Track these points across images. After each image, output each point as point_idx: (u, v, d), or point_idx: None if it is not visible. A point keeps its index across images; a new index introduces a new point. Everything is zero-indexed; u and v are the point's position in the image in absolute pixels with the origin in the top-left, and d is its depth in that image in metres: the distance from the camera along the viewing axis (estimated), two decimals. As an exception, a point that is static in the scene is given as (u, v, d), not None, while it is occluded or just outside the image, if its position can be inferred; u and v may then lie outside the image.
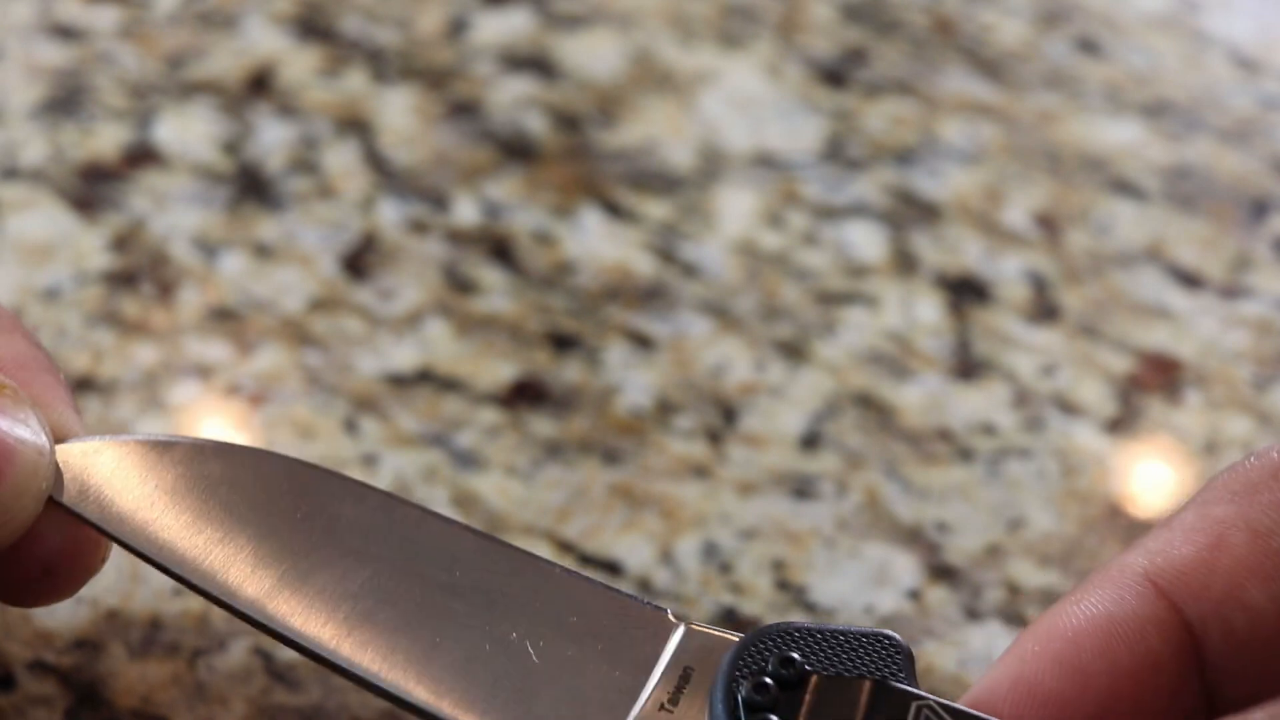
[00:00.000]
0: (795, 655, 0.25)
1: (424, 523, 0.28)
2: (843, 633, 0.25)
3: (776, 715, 0.24)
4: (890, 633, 0.25)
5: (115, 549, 0.29)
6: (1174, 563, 0.25)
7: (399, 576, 0.27)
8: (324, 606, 0.27)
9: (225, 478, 0.28)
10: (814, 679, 0.25)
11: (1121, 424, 0.40)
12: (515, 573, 0.27)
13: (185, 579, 0.27)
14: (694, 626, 0.27)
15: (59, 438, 0.28)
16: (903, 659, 0.25)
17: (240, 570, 0.27)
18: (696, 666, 0.26)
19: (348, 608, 0.27)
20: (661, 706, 0.26)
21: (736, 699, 0.24)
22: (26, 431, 0.27)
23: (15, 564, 0.28)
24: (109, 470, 0.28)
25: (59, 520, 0.28)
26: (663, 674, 0.26)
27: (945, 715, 0.24)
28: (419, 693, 0.26)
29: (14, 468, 0.27)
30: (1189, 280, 0.44)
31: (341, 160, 0.45)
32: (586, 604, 0.27)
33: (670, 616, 0.27)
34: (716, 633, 0.27)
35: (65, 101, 0.46)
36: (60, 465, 0.28)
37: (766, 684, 0.24)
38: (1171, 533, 0.25)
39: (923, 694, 0.24)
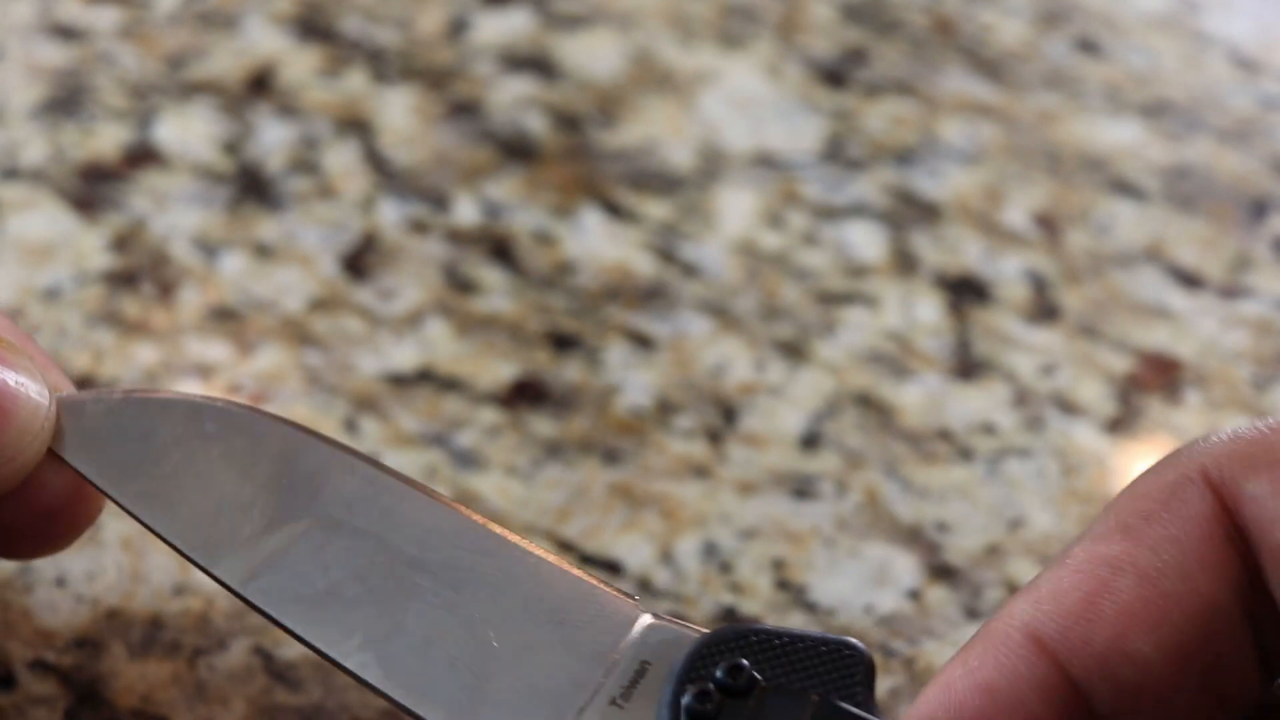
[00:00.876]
0: (744, 662, 0.25)
1: (407, 496, 0.28)
2: (803, 639, 0.25)
3: None
4: (853, 642, 0.25)
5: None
6: (1058, 614, 0.24)
7: (372, 550, 0.27)
8: (297, 580, 0.27)
9: (219, 437, 0.28)
10: (760, 689, 0.24)
11: (1121, 424, 0.40)
12: (487, 552, 0.27)
13: (166, 539, 0.27)
14: (658, 619, 0.26)
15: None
16: (862, 671, 0.25)
17: (220, 534, 0.27)
18: (654, 661, 0.26)
19: (319, 581, 0.27)
20: (613, 701, 0.25)
21: (679, 705, 0.24)
22: (26, 377, 0.28)
23: (19, 511, 0.28)
24: (104, 423, 0.28)
25: (59, 466, 0.28)
26: (619, 668, 0.26)
27: None
28: (374, 673, 0.26)
29: (18, 407, 0.27)
30: (1189, 280, 0.44)
31: (342, 160, 0.45)
32: (554, 588, 0.27)
33: (636, 607, 0.27)
34: (680, 627, 0.26)
35: (65, 101, 0.46)
36: (59, 417, 0.28)
37: (710, 691, 0.24)
38: (1060, 575, 0.24)
39: (866, 718, 0.24)
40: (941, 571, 0.36)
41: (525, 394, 0.39)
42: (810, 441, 0.38)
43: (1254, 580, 0.24)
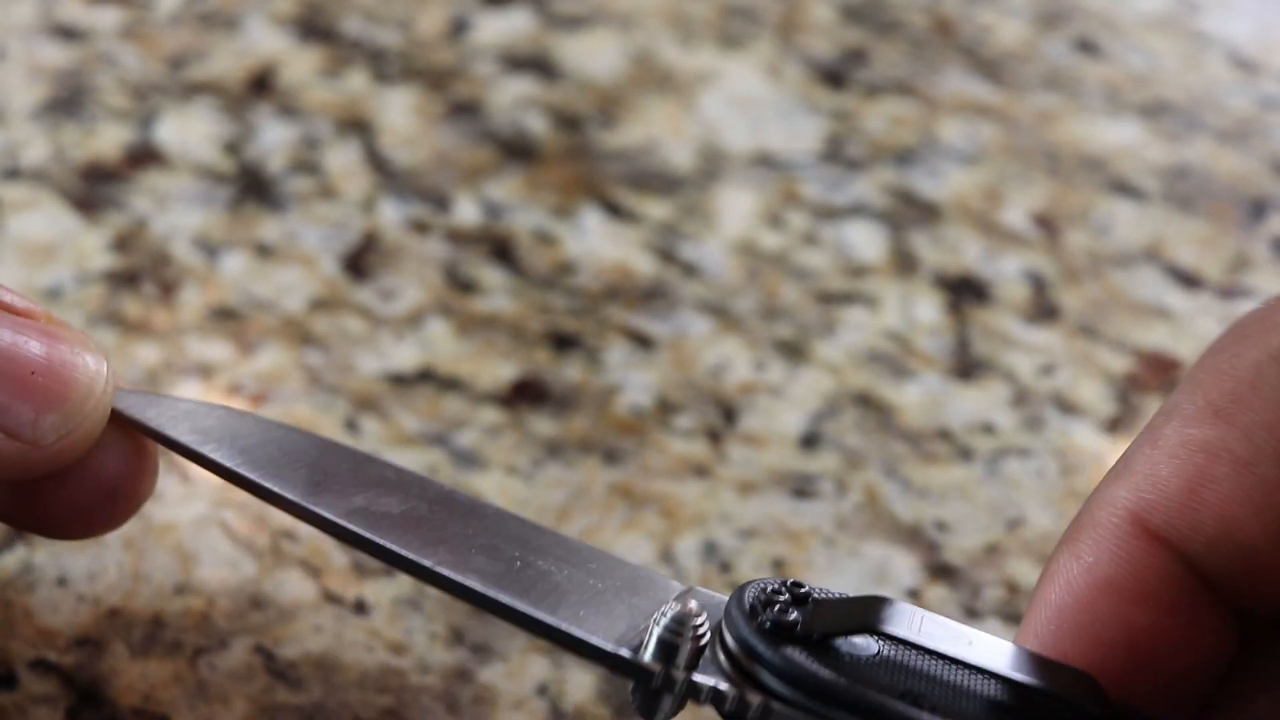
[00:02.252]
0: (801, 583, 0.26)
1: (452, 493, 0.30)
2: (836, 594, 0.26)
3: (793, 610, 0.25)
4: (884, 597, 0.26)
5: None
6: (1161, 502, 0.24)
7: (436, 505, 0.29)
8: (379, 509, 0.28)
9: (265, 436, 0.29)
10: (813, 600, 0.25)
11: (1120, 424, 0.40)
12: (536, 533, 0.29)
13: (256, 483, 0.28)
14: (698, 589, 0.28)
15: None
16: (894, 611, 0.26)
17: (295, 476, 0.28)
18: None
19: (398, 510, 0.28)
20: None
21: (743, 599, 0.25)
22: (81, 349, 0.28)
23: (81, 488, 0.29)
24: (155, 412, 0.29)
25: (117, 440, 0.29)
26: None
27: (948, 626, 0.24)
28: (457, 574, 0.27)
29: (78, 375, 0.28)
30: (1188, 280, 0.44)
31: (342, 160, 0.45)
32: (603, 564, 0.28)
33: (675, 583, 0.28)
34: (720, 596, 0.27)
35: (67, 102, 0.46)
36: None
37: (779, 588, 0.25)
38: (1155, 458, 0.24)
39: (917, 610, 0.25)
40: (941, 571, 0.36)
41: (525, 394, 0.39)
42: (810, 441, 0.38)
43: None
